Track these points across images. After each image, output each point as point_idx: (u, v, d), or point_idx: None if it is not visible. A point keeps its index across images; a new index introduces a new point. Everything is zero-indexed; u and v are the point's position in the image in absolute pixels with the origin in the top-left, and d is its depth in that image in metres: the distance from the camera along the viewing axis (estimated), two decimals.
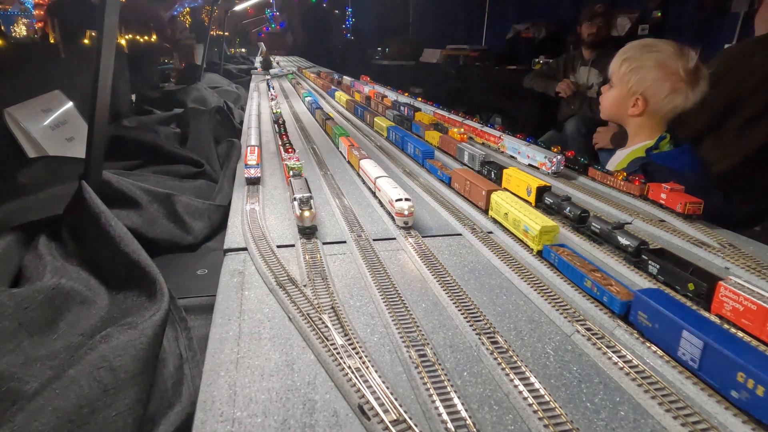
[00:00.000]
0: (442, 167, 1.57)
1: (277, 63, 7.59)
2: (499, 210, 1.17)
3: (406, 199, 1.13)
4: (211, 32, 5.30)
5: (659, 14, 4.65)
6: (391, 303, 0.82)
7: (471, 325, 0.76)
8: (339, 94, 3.39)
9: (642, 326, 0.74)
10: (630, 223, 1.20)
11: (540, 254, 1.00)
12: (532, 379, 0.64)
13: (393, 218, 1.16)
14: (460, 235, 1.16)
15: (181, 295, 0.96)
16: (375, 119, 2.39)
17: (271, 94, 3.29)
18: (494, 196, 1.21)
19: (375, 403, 0.59)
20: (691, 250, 1.05)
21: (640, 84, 1.94)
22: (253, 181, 1.48)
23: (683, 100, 1.91)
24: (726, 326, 0.76)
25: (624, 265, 0.97)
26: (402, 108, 2.52)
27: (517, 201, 1.16)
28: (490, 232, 1.15)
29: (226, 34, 6.91)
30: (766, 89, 2.04)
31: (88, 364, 0.63)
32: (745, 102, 2.09)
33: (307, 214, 1.07)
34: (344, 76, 4.29)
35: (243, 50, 10.48)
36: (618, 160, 2.03)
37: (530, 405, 0.60)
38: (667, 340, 0.69)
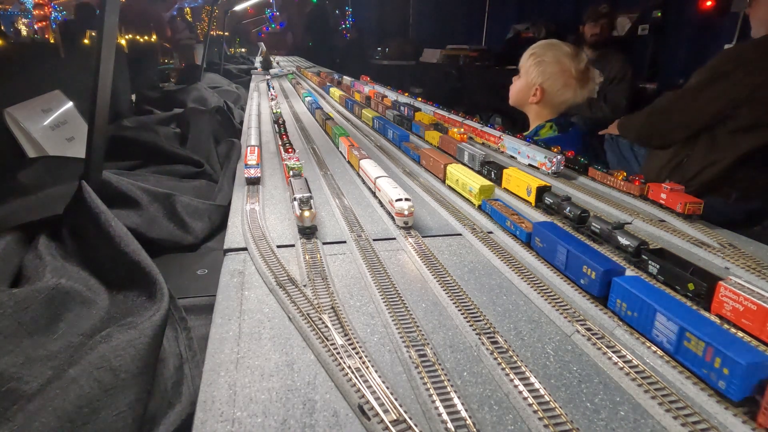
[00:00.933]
0: (414, 148, 1.80)
1: (277, 63, 7.58)
2: (452, 178, 1.44)
3: (406, 199, 1.13)
4: (211, 32, 5.30)
5: (659, 14, 4.64)
6: (391, 303, 0.82)
7: (471, 325, 0.76)
8: (333, 89, 3.65)
9: (537, 248, 1.02)
10: (630, 223, 1.20)
11: (480, 207, 1.27)
12: (532, 379, 0.64)
13: (393, 218, 1.16)
14: (460, 235, 1.16)
15: (181, 295, 0.96)
16: (362, 111, 2.66)
17: (271, 94, 3.29)
18: (449, 168, 1.47)
19: (375, 403, 0.59)
20: (691, 250, 1.05)
21: (540, 76, 2.29)
22: (253, 181, 1.48)
23: (573, 95, 2.30)
24: (726, 326, 0.76)
25: (624, 265, 0.97)
26: (402, 108, 2.52)
27: (465, 169, 1.43)
28: (490, 232, 1.15)
29: (226, 34, 6.91)
30: (762, 96, 2.04)
31: (88, 364, 0.63)
32: (741, 107, 2.10)
33: (307, 214, 1.07)
34: (344, 76, 4.29)
35: (243, 50, 10.49)
36: None
37: (530, 405, 0.60)
38: (551, 253, 0.98)
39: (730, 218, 1.87)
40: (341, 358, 0.67)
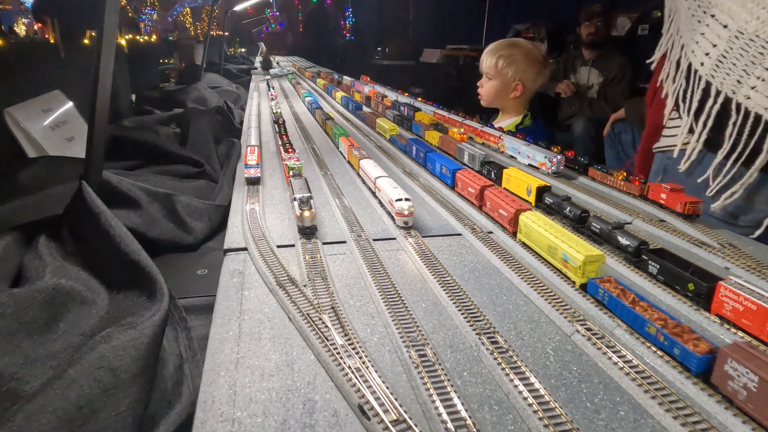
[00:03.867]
0: (362, 112, 2.54)
1: (277, 63, 7.58)
2: (380, 126, 2.15)
3: (406, 199, 1.13)
4: (212, 32, 5.30)
5: (659, 14, 4.64)
6: (391, 303, 0.82)
7: (471, 325, 0.76)
8: (319, 80, 4.36)
9: (400, 144, 1.86)
10: (630, 223, 1.20)
11: (389, 140, 2.07)
12: (532, 379, 0.64)
13: (393, 218, 1.16)
14: (460, 235, 1.16)
15: (181, 295, 0.96)
16: (335, 93, 3.45)
17: (271, 94, 3.29)
18: (377, 120, 2.22)
19: (375, 403, 0.59)
20: (691, 250, 1.05)
21: (517, 73, 2.62)
22: (253, 181, 1.48)
23: (543, 79, 2.71)
24: (726, 326, 0.76)
25: (624, 265, 0.97)
26: (402, 108, 2.51)
27: (385, 119, 2.23)
28: (490, 232, 1.15)
29: (226, 33, 6.91)
30: None
31: (88, 364, 0.63)
32: None
33: (307, 214, 1.07)
34: (344, 76, 4.29)
35: (243, 50, 10.49)
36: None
37: (530, 405, 0.60)
38: (408, 148, 1.80)
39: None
40: (341, 358, 0.67)
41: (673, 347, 0.68)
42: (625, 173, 1.40)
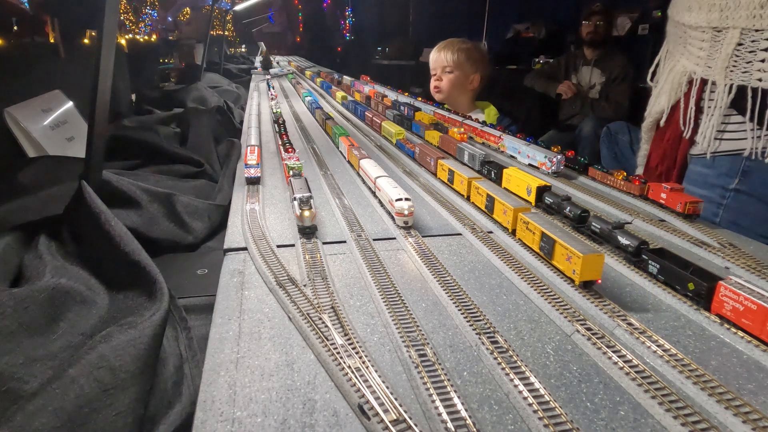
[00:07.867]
0: (332, 90, 3.13)
1: (277, 63, 7.59)
2: (338, 96, 2.63)
3: (406, 199, 1.13)
4: (211, 32, 5.29)
5: (659, 14, 4.64)
6: (391, 303, 0.82)
7: (471, 325, 0.76)
8: (307, 72, 4.97)
9: (346, 106, 2.50)
10: (630, 223, 1.20)
11: (344, 104, 2.70)
12: (532, 379, 0.64)
13: (393, 218, 1.16)
14: (460, 234, 1.16)
15: (181, 295, 0.96)
16: (317, 79, 4.23)
17: (271, 94, 3.29)
18: (337, 93, 2.75)
19: (375, 403, 0.59)
20: (691, 250, 1.05)
21: (475, 66, 2.89)
22: (253, 181, 1.48)
23: (489, 75, 3.02)
24: (727, 326, 0.76)
25: (624, 265, 0.97)
26: (402, 108, 2.51)
27: (341, 92, 2.93)
28: (490, 232, 1.15)
29: (226, 33, 6.91)
30: None
31: (88, 364, 0.63)
32: None
33: (307, 213, 1.07)
34: (344, 76, 4.28)
35: (243, 49, 10.48)
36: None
37: (530, 405, 0.60)
38: (352, 110, 2.63)
39: None
40: (341, 357, 0.67)
41: (411, 153, 1.61)
42: (625, 173, 1.40)
